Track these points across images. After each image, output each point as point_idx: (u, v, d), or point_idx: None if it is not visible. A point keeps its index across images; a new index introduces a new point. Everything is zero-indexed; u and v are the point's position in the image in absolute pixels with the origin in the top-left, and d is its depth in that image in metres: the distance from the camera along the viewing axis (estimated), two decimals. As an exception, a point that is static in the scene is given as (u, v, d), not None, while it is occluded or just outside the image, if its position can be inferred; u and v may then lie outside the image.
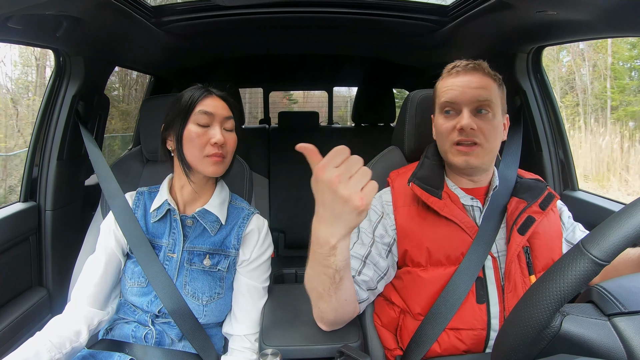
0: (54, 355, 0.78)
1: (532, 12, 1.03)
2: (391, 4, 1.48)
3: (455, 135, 0.83)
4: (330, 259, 0.66)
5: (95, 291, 0.91)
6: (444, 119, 0.86)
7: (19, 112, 3.97)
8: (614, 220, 0.46)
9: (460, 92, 0.83)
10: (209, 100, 0.91)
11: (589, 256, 0.44)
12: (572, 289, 0.44)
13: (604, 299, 0.48)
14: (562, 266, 0.46)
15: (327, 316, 0.80)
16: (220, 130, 0.90)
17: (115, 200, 1.00)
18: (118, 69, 3.02)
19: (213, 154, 0.89)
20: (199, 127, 0.89)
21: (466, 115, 0.81)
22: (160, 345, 0.92)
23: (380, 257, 0.86)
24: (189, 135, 0.89)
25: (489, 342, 0.82)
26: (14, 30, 0.92)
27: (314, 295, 0.77)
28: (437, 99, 0.89)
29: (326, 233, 0.63)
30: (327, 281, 0.70)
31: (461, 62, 0.87)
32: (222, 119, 0.92)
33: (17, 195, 1.32)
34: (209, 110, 0.90)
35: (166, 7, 1.44)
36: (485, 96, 0.82)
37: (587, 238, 0.46)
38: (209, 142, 0.89)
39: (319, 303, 0.78)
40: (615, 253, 0.44)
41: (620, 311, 0.47)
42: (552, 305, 0.45)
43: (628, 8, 0.80)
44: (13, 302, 1.17)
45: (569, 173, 1.41)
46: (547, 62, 4.38)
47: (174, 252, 0.94)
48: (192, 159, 0.90)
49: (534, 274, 0.84)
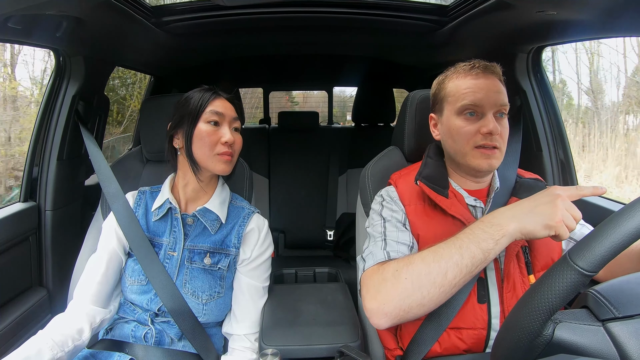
0: (56, 354, 0.79)
1: (532, 12, 1.03)
2: (391, 3, 1.47)
3: (479, 138, 0.81)
4: (491, 244, 0.66)
5: (97, 289, 0.91)
6: (465, 121, 0.83)
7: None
8: (599, 231, 0.46)
9: (485, 95, 0.81)
10: (218, 101, 0.94)
11: (575, 268, 0.45)
12: (560, 300, 0.45)
13: (599, 304, 0.48)
14: (550, 277, 0.46)
15: (418, 311, 0.70)
16: (230, 130, 0.93)
17: (116, 200, 1.01)
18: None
19: (223, 152, 0.91)
20: (211, 125, 0.91)
21: (492, 119, 0.80)
22: (160, 344, 0.92)
23: (399, 230, 0.84)
24: (199, 134, 0.91)
25: (489, 341, 0.82)
26: (14, 30, 0.92)
27: (433, 281, 0.68)
28: (450, 98, 0.86)
29: (509, 217, 0.67)
30: (467, 267, 0.67)
31: (479, 62, 0.85)
32: (231, 119, 0.94)
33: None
34: (220, 110, 0.92)
35: (166, 7, 1.44)
36: (504, 101, 0.82)
37: (574, 249, 0.47)
38: (220, 141, 0.91)
39: (434, 293, 0.68)
40: (602, 264, 0.44)
41: (614, 316, 0.47)
42: (542, 315, 0.45)
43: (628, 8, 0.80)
44: (13, 302, 1.17)
45: (569, 173, 1.41)
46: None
47: (174, 251, 0.94)
48: (202, 157, 0.91)
49: (533, 274, 0.83)
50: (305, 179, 2.14)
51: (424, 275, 0.69)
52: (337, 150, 2.16)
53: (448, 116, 0.86)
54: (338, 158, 2.15)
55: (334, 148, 2.16)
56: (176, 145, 0.96)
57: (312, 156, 2.15)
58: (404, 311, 0.70)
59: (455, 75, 0.86)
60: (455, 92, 0.85)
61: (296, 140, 2.18)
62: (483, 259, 0.67)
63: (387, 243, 0.82)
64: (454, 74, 0.87)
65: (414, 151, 1.04)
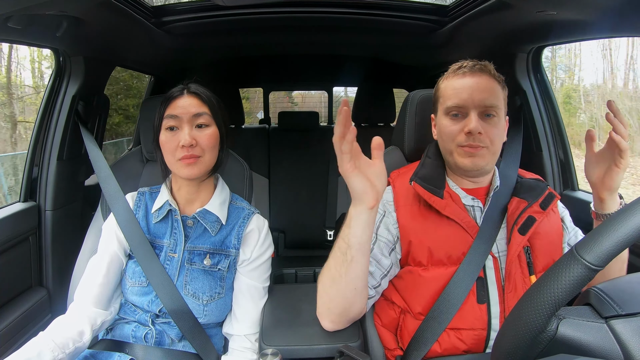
0: (57, 355, 0.78)
1: (532, 12, 1.03)
2: (391, 4, 1.48)
3: (463, 138, 0.82)
4: (346, 231, 0.72)
5: (98, 292, 0.91)
6: (450, 120, 0.85)
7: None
8: (607, 225, 0.46)
9: (468, 95, 0.82)
10: (178, 100, 0.91)
11: (582, 262, 0.45)
12: (566, 294, 0.45)
13: (601, 301, 0.48)
14: (556, 272, 0.46)
15: (335, 305, 0.80)
16: (190, 129, 0.89)
17: (116, 201, 1.01)
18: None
19: (182, 157, 0.88)
20: (168, 131, 0.90)
21: (474, 119, 0.81)
22: (160, 345, 0.92)
23: (383, 255, 0.86)
24: (161, 144, 0.91)
25: (489, 342, 0.82)
26: (14, 30, 0.92)
27: (327, 278, 0.78)
28: (441, 99, 0.88)
29: (351, 208, 0.72)
30: (339, 258, 0.74)
31: (467, 62, 0.86)
32: (190, 117, 0.89)
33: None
34: (175, 113, 0.89)
35: (166, 7, 1.44)
36: (492, 101, 0.82)
37: (581, 244, 0.46)
38: (178, 146, 0.88)
39: (330, 288, 0.78)
40: (609, 258, 0.44)
41: (617, 313, 0.47)
42: (547, 310, 0.45)
43: (628, 8, 0.80)
44: (13, 302, 1.17)
45: (569, 173, 1.42)
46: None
47: (175, 252, 0.94)
48: (169, 165, 0.92)
49: (535, 274, 0.84)
50: (306, 179, 2.14)
51: (323, 277, 0.79)
52: None
53: (439, 116, 0.88)
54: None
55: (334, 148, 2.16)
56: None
57: (312, 156, 2.15)
58: (328, 310, 0.82)
59: (446, 76, 0.88)
60: (444, 93, 0.86)
61: (296, 140, 2.18)
62: (347, 246, 0.73)
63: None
64: (446, 75, 0.88)
65: (414, 151, 1.04)
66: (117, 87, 7.28)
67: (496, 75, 0.85)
